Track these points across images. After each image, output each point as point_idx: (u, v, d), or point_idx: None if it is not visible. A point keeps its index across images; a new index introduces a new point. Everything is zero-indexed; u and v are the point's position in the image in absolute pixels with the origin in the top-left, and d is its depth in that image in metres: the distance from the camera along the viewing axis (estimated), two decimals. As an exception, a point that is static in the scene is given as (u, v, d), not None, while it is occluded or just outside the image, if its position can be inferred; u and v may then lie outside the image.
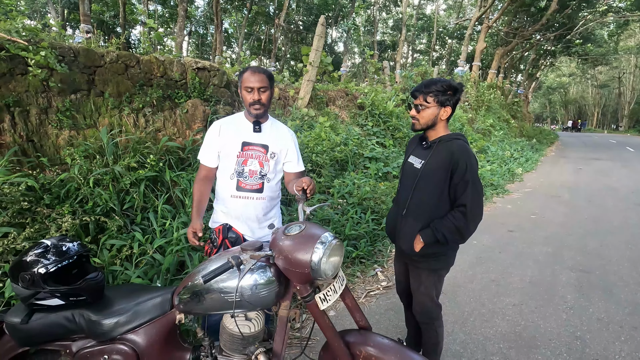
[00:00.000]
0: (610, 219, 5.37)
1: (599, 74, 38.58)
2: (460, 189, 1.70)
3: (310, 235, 1.29)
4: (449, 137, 1.78)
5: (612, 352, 2.40)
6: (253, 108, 1.82)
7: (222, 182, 1.92)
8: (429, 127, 1.79)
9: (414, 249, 1.80)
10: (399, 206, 1.92)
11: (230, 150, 1.85)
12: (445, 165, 1.71)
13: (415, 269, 1.92)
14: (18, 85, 3.16)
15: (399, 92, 8.83)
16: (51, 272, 1.32)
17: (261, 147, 1.90)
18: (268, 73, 1.83)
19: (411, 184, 1.83)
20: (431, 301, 1.92)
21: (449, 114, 1.78)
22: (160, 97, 4.08)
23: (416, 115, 1.79)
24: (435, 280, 1.90)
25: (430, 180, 1.76)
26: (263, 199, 1.92)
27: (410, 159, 1.92)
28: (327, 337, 1.38)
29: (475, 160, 1.73)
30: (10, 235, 2.37)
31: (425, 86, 1.73)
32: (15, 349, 1.40)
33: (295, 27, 21.67)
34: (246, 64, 6.56)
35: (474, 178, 1.69)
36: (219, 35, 11.17)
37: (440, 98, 1.72)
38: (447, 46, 29.80)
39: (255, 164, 1.88)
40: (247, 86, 1.79)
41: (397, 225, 1.91)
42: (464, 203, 1.69)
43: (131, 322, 1.36)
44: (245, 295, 1.29)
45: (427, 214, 1.79)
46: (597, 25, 20.92)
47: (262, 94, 1.81)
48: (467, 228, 1.72)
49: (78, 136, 3.44)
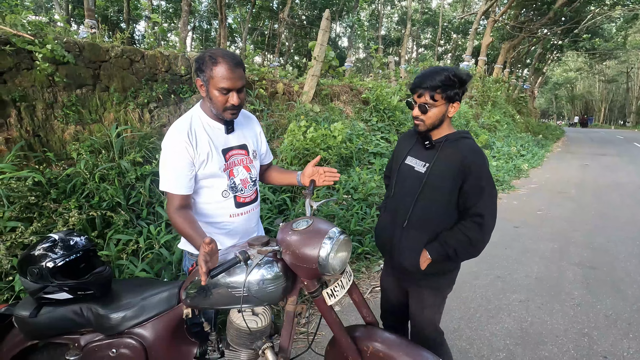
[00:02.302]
0: (617, 215, 5.32)
1: (607, 68, 38.08)
2: (474, 197, 1.48)
3: (317, 230, 1.28)
4: (455, 136, 1.55)
5: (620, 349, 2.38)
6: (230, 113, 1.44)
7: (212, 203, 1.55)
8: (435, 127, 1.54)
9: (418, 266, 1.57)
10: (395, 216, 1.65)
11: (214, 165, 1.48)
12: (454, 169, 1.48)
13: (416, 289, 1.69)
14: (24, 80, 3.17)
15: (403, 86, 8.77)
16: (59, 266, 1.32)
17: (241, 149, 1.59)
18: (243, 64, 1.43)
19: (413, 190, 1.58)
20: (434, 330, 1.71)
21: (457, 110, 1.53)
22: (165, 92, 4.08)
23: (421, 116, 1.51)
24: (440, 302, 1.69)
25: (437, 187, 1.52)
26: (258, 206, 1.72)
27: (408, 160, 1.65)
28: (334, 332, 1.38)
29: (487, 162, 1.53)
30: (18, 230, 2.39)
31: (429, 79, 1.44)
32: (24, 342, 1.41)
33: (299, 21, 21.56)
34: (250, 59, 6.52)
35: (488, 183, 1.48)
36: (223, 30, 11.13)
37: (449, 93, 1.46)
38: (452, 41, 29.52)
39: (243, 171, 1.58)
40: (222, 87, 1.36)
41: (393, 238, 1.65)
42: (479, 212, 1.47)
43: (138, 317, 1.36)
44: (253, 290, 1.28)
45: (433, 226, 1.56)
46: (606, 19, 20.59)
47: (240, 95, 1.42)
48: (482, 240, 1.51)
49: (84, 131, 3.46)
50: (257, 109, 5.15)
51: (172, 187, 1.43)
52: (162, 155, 1.45)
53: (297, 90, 6.11)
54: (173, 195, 1.43)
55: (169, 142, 1.44)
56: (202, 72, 1.39)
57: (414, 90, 1.51)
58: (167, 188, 1.44)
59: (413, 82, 1.52)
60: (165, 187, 1.44)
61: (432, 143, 1.57)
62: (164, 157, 1.45)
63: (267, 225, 3.29)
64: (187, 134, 1.43)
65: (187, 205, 1.47)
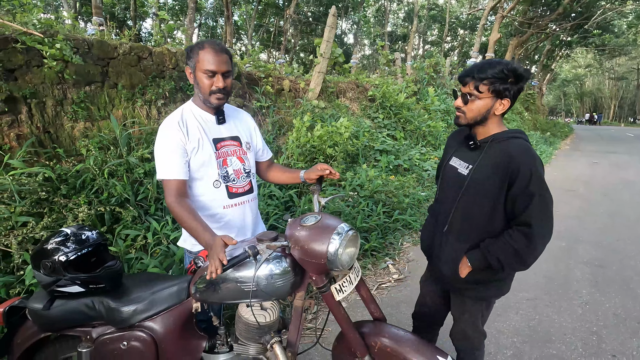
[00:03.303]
0: (627, 214, 5.25)
1: (617, 65, 37.49)
2: (522, 203, 1.33)
3: (326, 226, 1.29)
4: (504, 136, 1.40)
5: (629, 347, 2.36)
6: (215, 97, 1.48)
7: (204, 194, 1.56)
8: (478, 122, 1.41)
9: (457, 273, 1.49)
10: (437, 220, 1.59)
11: (205, 153, 1.51)
12: (500, 172, 1.35)
13: (458, 297, 1.62)
14: (34, 77, 3.21)
15: (410, 83, 8.72)
16: (71, 260, 1.34)
17: (233, 140, 1.62)
18: (230, 53, 1.49)
19: (454, 194, 1.48)
20: (475, 330, 1.63)
21: (507, 108, 1.38)
22: (172, 88, 4.10)
23: (462, 107, 1.41)
24: (484, 308, 1.59)
25: (480, 191, 1.41)
26: (254, 199, 1.71)
27: (452, 161, 1.55)
28: (342, 328, 1.39)
29: (541, 166, 1.36)
30: (29, 225, 2.43)
31: (478, 70, 1.33)
32: (38, 334, 1.44)
33: (305, 18, 21.50)
34: (256, 57, 6.52)
35: (541, 189, 1.32)
36: (229, 27, 11.14)
37: (497, 87, 1.32)
38: (460, 37, 29.25)
39: (236, 162, 1.61)
40: (206, 69, 1.43)
41: (434, 242, 1.59)
42: (527, 222, 1.33)
43: (149, 310, 1.38)
44: (262, 285, 1.30)
45: (475, 232, 1.45)
46: (616, 15, 20.25)
47: (226, 79, 1.47)
48: (531, 252, 1.35)
49: (93, 127, 3.49)
50: (263, 106, 5.16)
51: (168, 173, 1.45)
52: (155, 146, 1.49)
53: (303, 87, 6.11)
54: (169, 182, 1.44)
55: (160, 132, 1.49)
56: (190, 58, 1.48)
57: (461, 79, 1.41)
58: (163, 175, 1.45)
59: (462, 72, 1.43)
60: (161, 174, 1.46)
61: (477, 143, 1.44)
62: (157, 147, 1.49)
63: (274, 222, 3.30)
64: (178, 123, 1.49)
65: (185, 193, 1.47)
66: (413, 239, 4.08)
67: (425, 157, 6.48)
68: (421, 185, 5.62)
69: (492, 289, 1.53)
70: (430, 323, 1.85)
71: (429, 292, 1.79)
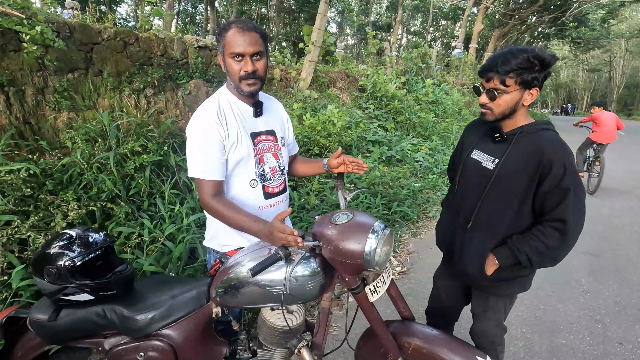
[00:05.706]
0: (612, 202, 5.41)
1: (591, 58, 38.70)
2: (555, 199, 1.28)
3: (361, 224, 1.20)
4: (533, 128, 1.33)
5: (633, 334, 2.41)
6: (246, 83, 1.30)
7: (239, 194, 1.41)
8: (506, 116, 1.34)
9: (483, 271, 1.42)
10: (458, 215, 1.51)
11: (243, 150, 1.35)
12: (530, 166, 1.28)
13: (480, 294, 1.57)
14: (11, 63, 2.95)
15: (399, 74, 8.67)
16: (78, 265, 1.21)
17: (269, 135, 1.46)
18: (261, 31, 1.30)
19: (478, 189, 1.41)
20: (498, 326, 1.60)
21: (535, 97, 1.31)
22: (161, 77, 3.89)
23: (488, 104, 1.32)
24: (507, 303, 1.57)
25: (508, 186, 1.34)
26: (286, 199, 1.57)
27: (474, 154, 1.46)
28: (375, 329, 1.32)
29: (573, 158, 1.31)
30: (14, 224, 2.24)
31: (502, 62, 1.24)
32: (42, 347, 1.30)
33: (288, 6, 21.05)
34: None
35: (575, 184, 1.26)
36: (212, 13, 10.76)
37: (525, 77, 1.24)
38: (442, 27, 29.41)
39: (272, 159, 1.46)
40: (233, 52, 1.25)
41: (455, 239, 1.52)
42: (562, 218, 1.27)
43: (168, 317, 1.27)
44: (291, 287, 1.21)
45: (502, 229, 1.39)
46: (592, 8, 20.77)
47: (256, 62, 1.29)
48: (564, 249, 1.31)
49: (77, 118, 3.27)
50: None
51: (204, 173, 1.29)
52: (190, 139, 1.31)
53: (294, 77, 5.95)
54: (205, 182, 1.30)
55: (197, 123, 1.31)
56: (219, 42, 1.31)
57: (483, 74, 1.31)
58: (198, 174, 1.29)
59: (483, 65, 1.33)
60: (195, 173, 1.30)
61: (504, 136, 1.36)
62: (192, 141, 1.31)
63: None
64: (217, 114, 1.32)
65: (222, 193, 1.34)
66: (411, 231, 4.06)
67: (416, 148, 6.48)
68: (414, 176, 5.61)
69: (516, 286, 1.50)
70: (445, 319, 1.80)
71: (444, 287, 1.73)
